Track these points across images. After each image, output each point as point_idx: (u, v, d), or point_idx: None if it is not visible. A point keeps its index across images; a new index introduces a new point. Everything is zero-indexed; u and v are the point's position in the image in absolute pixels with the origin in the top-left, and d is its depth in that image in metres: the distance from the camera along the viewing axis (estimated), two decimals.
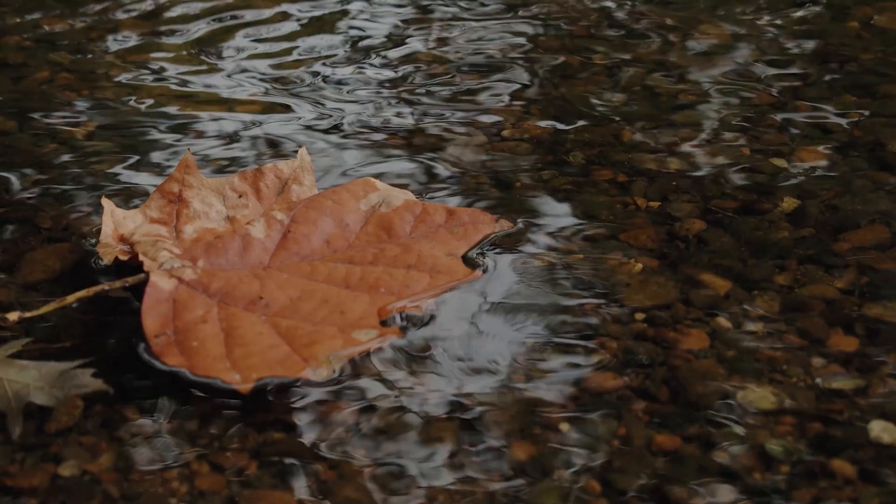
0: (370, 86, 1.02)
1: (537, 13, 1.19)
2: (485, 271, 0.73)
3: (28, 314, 0.70)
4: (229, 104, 0.99)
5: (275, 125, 0.95)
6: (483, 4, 1.23)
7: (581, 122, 0.93)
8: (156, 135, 0.93)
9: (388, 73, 1.05)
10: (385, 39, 1.14)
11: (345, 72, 1.06)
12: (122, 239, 0.75)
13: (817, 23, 1.15)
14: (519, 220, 0.78)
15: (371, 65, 1.07)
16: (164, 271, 0.70)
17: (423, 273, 0.72)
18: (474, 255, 0.74)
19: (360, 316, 0.68)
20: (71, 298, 0.70)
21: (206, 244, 0.74)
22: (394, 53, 1.10)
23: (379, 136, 0.92)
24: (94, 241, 0.78)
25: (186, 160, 0.79)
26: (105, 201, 0.77)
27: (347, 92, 1.01)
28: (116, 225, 0.76)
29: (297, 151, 0.81)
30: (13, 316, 0.69)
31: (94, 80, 1.05)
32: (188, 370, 0.64)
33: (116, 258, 0.74)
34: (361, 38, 1.14)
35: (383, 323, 0.68)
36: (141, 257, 0.72)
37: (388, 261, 0.73)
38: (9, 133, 0.94)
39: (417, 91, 1.00)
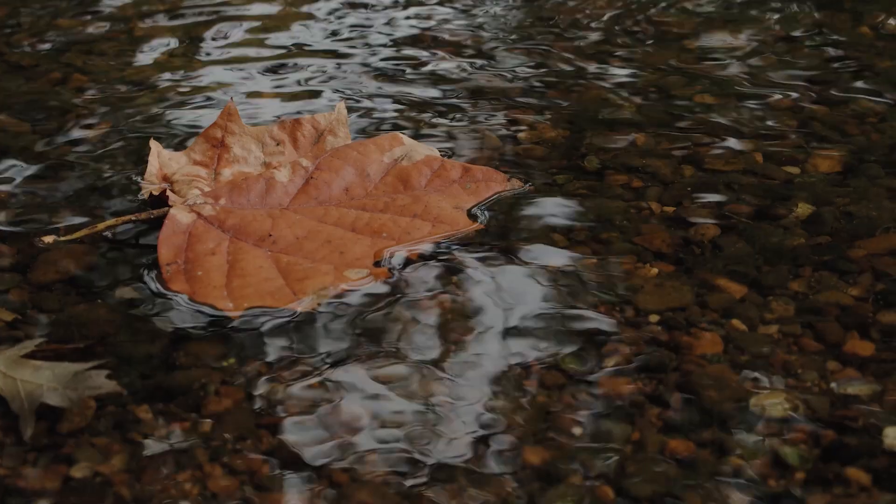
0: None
1: (555, 18, 1.19)
2: (487, 228, 0.76)
3: (63, 238, 0.75)
4: None
5: None
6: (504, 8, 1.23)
7: (596, 127, 0.93)
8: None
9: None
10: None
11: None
12: (165, 178, 0.81)
13: (832, 28, 1.14)
14: (528, 212, 0.78)
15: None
16: (186, 206, 0.76)
17: (426, 222, 0.76)
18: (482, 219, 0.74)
19: (357, 257, 0.72)
20: (102, 226, 0.76)
21: (232, 184, 0.79)
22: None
23: None
24: (139, 178, 0.83)
25: (229, 108, 0.84)
26: (153, 142, 0.83)
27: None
28: (161, 165, 0.82)
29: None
30: (48, 238, 0.75)
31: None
32: (189, 296, 0.69)
33: (150, 194, 0.78)
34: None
35: (377, 264, 0.72)
36: (168, 192, 0.77)
37: (396, 209, 0.77)
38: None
39: (432, 92, 1.01)
